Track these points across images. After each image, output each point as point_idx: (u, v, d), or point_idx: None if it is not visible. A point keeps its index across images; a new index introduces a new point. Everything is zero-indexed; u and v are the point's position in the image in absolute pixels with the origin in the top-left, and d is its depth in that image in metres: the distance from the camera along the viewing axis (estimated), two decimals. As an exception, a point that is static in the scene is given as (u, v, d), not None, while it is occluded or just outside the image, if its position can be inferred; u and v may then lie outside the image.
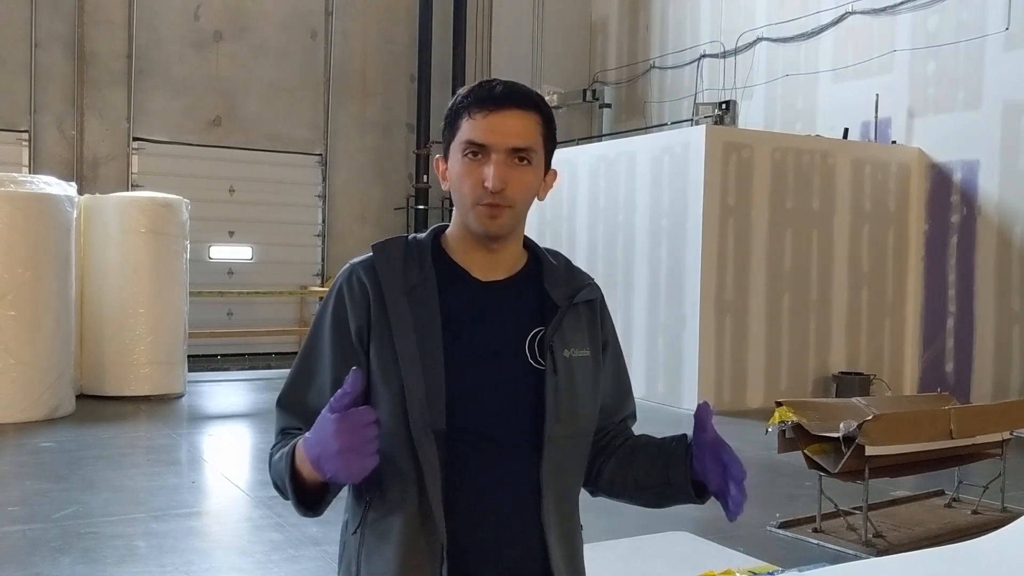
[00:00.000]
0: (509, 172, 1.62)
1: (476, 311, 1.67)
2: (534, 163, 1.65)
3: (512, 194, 1.62)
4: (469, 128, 1.63)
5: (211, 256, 13.65)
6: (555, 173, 1.74)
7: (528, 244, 1.78)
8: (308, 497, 1.62)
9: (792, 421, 5.07)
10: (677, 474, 1.75)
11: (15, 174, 9.13)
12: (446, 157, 1.70)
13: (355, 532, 1.67)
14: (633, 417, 1.91)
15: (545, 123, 1.67)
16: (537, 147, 1.66)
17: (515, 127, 1.63)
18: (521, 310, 1.70)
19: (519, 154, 1.63)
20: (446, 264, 1.69)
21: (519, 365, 1.67)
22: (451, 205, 1.78)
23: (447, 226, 1.76)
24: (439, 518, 1.59)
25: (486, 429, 1.63)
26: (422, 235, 1.75)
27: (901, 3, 10.60)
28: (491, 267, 1.70)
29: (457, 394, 1.60)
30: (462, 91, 1.69)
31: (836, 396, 9.22)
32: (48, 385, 8.25)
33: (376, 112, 14.73)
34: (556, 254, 1.81)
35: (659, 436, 1.84)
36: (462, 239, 1.70)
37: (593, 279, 1.82)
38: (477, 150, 1.62)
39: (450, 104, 1.69)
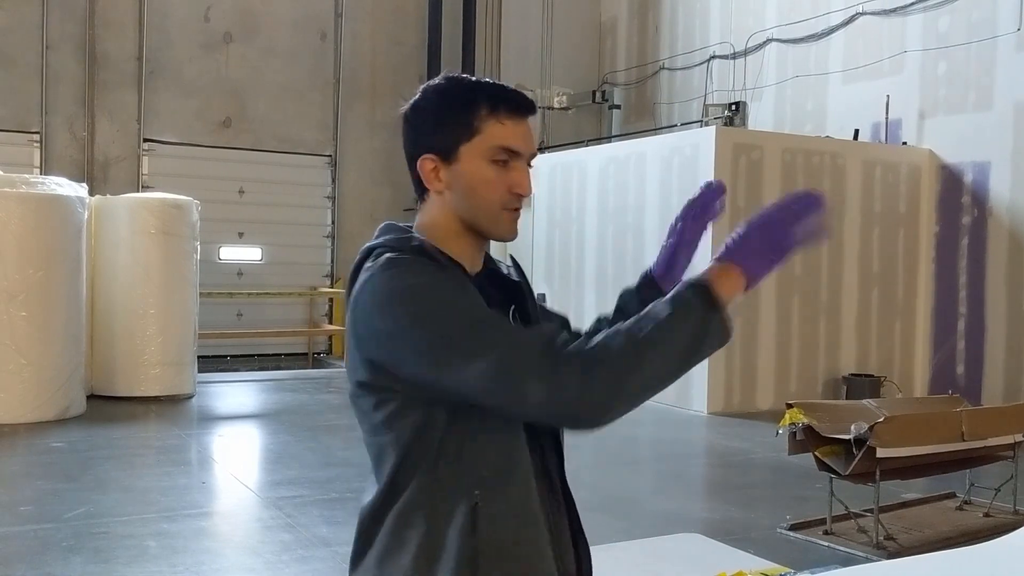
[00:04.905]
0: (527, 178, 1.67)
1: (486, 300, 1.67)
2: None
3: (527, 199, 1.68)
4: (503, 133, 1.61)
5: (221, 257, 13.68)
6: None
7: None
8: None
9: (802, 423, 5.05)
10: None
11: (27, 175, 9.15)
12: (445, 157, 1.63)
13: (472, 530, 1.55)
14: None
15: None
16: None
17: (532, 135, 1.68)
18: (498, 294, 1.73)
19: (531, 159, 1.68)
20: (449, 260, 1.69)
21: None
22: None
23: (405, 226, 1.72)
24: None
25: None
26: (401, 237, 1.67)
27: (911, 4, 10.56)
28: (477, 261, 1.72)
29: None
30: (480, 90, 1.63)
31: (846, 398, 9.19)
32: (59, 385, 8.28)
33: (385, 113, 14.73)
34: None
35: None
36: (456, 237, 1.67)
37: None
38: (508, 157, 1.63)
39: (455, 102, 1.62)
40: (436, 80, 1.69)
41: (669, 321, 1.49)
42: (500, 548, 1.56)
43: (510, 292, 1.75)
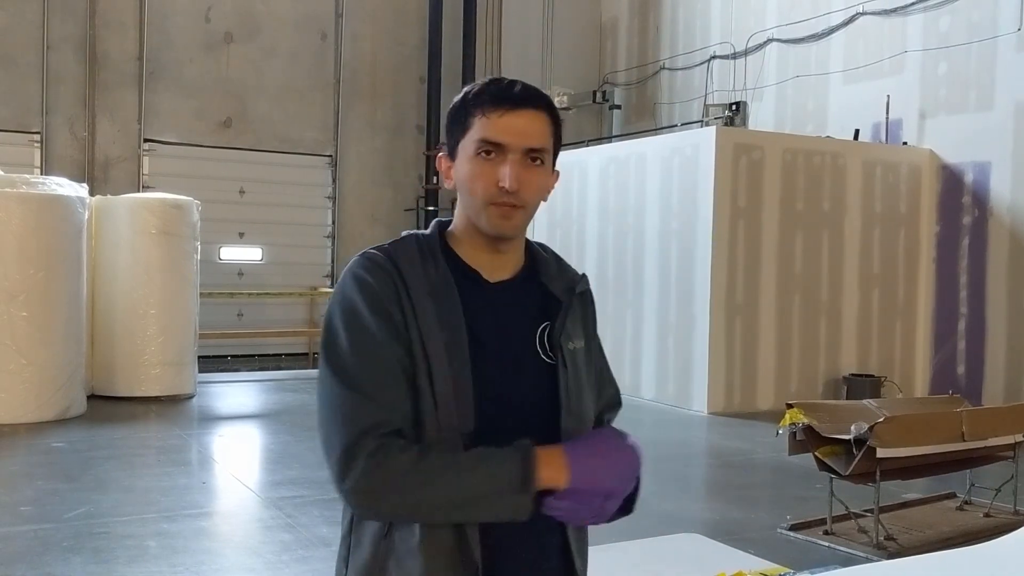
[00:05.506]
0: (524, 172, 1.62)
1: (490, 312, 1.67)
2: (546, 164, 1.66)
3: (526, 195, 1.63)
4: (484, 126, 1.62)
5: (221, 257, 13.69)
6: (558, 175, 1.74)
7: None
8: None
9: (803, 423, 5.05)
10: None
11: (27, 175, 9.16)
12: (451, 155, 1.68)
13: (385, 536, 1.62)
14: (611, 408, 1.91)
15: (554, 125, 1.68)
16: (549, 148, 1.67)
17: (531, 127, 1.63)
18: (528, 307, 1.71)
19: (533, 154, 1.63)
20: (457, 264, 1.68)
21: (533, 362, 1.68)
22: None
23: (448, 222, 1.74)
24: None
25: (509, 428, 1.62)
26: (426, 232, 1.72)
27: (912, 4, 10.56)
28: (498, 268, 1.70)
29: (482, 395, 1.60)
30: (472, 88, 1.67)
31: (847, 398, 9.19)
32: (59, 386, 8.28)
33: (386, 114, 14.75)
34: (544, 247, 1.82)
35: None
36: (469, 239, 1.69)
37: (580, 272, 1.84)
38: (492, 149, 1.61)
39: (458, 101, 1.68)
40: None
41: (476, 476, 1.52)
42: (405, 553, 1.58)
43: (549, 308, 1.72)
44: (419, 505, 1.53)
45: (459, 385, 1.59)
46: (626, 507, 1.66)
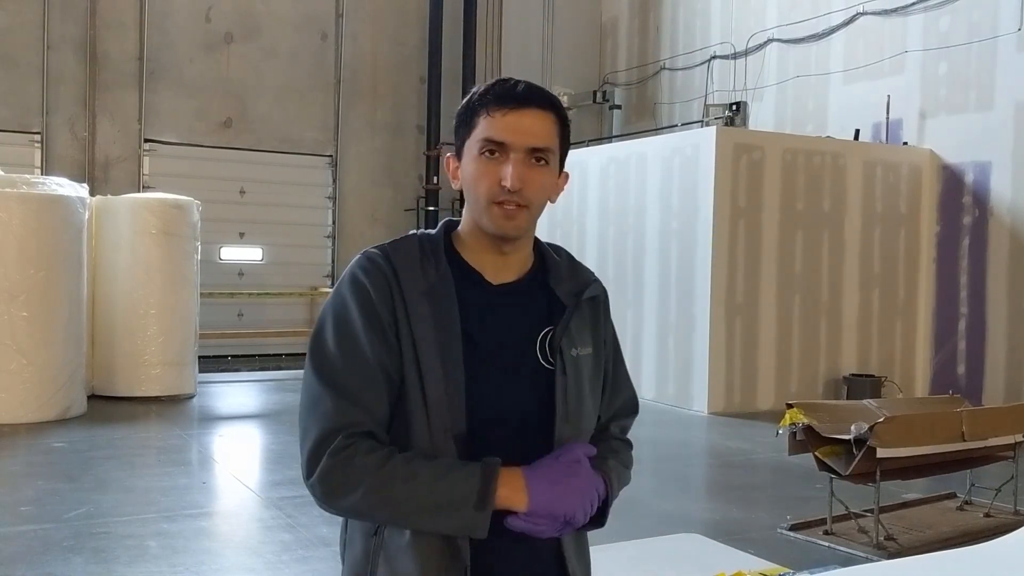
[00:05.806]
0: (527, 172, 1.60)
1: (490, 314, 1.66)
2: (551, 164, 1.65)
3: (529, 194, 1.61)
4: (487, 126, 1.61)
5: (222, 257, 13.69)
6: (567, 176, 1.73)
7: (535, 243, 1.77)
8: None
9: (803, 423, 5.05)
10: None
11: (28, 175, 9.16)
12: (458, 155, 1.68)
13: (375, 533, 1.64)
14: (625, 415, 1.89)
15: (562, 124, 1.67)
16: (554, 148, 1.65)
17: (534, 127, 1.61)
18: (531, 311, 1.70)
19: (537, 154, 1.62)
20: (459, 264, 1.68)
21: (531, 366, 1.67)
22: (461, 206, 1.76)
23: (458, 222, 1.73)
24: None
25: (501, 432, 1.62)
26: (433, 232, 1.72)
27: (912, 4, 10.56)
28: (502, 269, 1.69)
29: (475, 397, 1.60)
30: (479, 89, 1.67)
31: (847, 398, 9.19)
32: (60, 386, 8.29)
33: (386, 114, 14.75)
34: (559, 249, 1.81)
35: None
36: (474, 239, 1.68)
37: (595, 276, 1.82)
38: (495, 148, 1.60)
39: (465, 101, 1.67)
40: None
41: (434, 488, 1.53)
42: (395, 551, 1.60)
43: (555, 312, 1.71)
44: (375, 507, 1.55)
45: (450, 386, 1.58)
46: (598, 519, 1.66)
